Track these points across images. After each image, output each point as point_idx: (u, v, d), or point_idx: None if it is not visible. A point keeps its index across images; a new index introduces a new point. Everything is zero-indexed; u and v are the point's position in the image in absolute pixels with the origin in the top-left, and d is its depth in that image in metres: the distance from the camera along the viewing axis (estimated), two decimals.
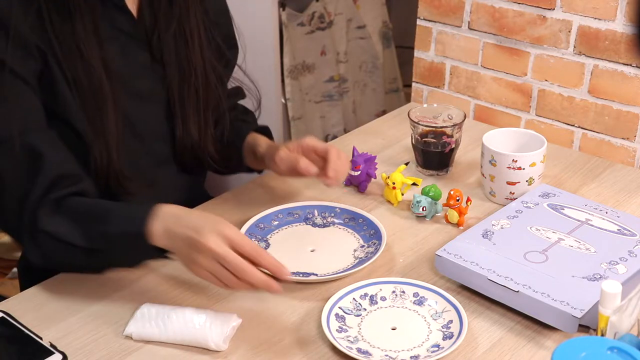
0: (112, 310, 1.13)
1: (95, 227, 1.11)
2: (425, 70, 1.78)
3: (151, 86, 1.29)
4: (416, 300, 1.13)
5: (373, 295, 1.14)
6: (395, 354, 1.04)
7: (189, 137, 1.32)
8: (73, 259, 1.13)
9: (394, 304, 1.13)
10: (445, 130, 1.45)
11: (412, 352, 1.04)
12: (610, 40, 1.49)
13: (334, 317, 1.10)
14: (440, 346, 1.04)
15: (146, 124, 1.29)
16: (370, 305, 1.13)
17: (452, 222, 1.33)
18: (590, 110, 1.56)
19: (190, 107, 1.31)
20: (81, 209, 1.13)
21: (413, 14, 1.77)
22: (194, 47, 1.30)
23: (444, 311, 1.10)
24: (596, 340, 0.83)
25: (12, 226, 1.17)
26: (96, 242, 1.11)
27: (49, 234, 1.11)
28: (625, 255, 1.17)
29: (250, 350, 1.06)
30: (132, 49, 1.26)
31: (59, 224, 1.11)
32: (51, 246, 1.12)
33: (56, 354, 1.02)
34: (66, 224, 1.11)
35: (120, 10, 1.23)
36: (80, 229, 1.11)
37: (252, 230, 1.29)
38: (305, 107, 2.84)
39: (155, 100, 1.30)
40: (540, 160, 1.36)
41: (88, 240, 1.10)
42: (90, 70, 1.16)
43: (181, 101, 1.30)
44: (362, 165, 1.40)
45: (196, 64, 1.30)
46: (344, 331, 1.08)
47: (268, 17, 2.48)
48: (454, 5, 1.68)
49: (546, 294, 1.08)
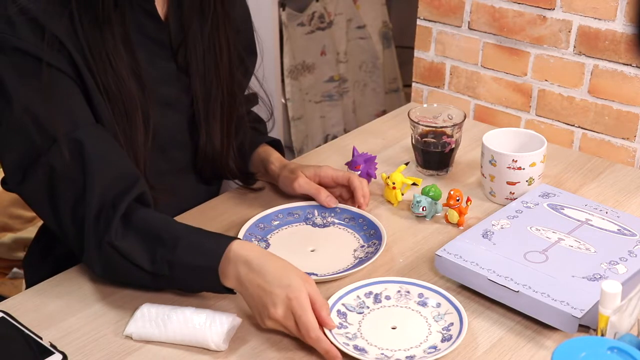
0: (112, 310, 1.13)
1: (163, 252, 1.08)
2: (425, 70, 1.78)
3: (175, 94, 1.28)
4: (420, 301, 1.13)
5: (378, 293, 1.14)
6: (391, 352, 1.04)
7: (211, 148, 1.32)
8: (136, 278, 1.12)
9: (397, 303, 1.13)
10: (445, 130, 1.45)
11: (409, 352, 1.04)
12: (610, 40, 1.49)
13: (336, 313, 1.10)
14: (437, 348, 1.04)
15: (168, 131, 1.27)
16: (374, 303, 1.13)
17: (452, 222, 1.33)
18: (590, 110, 1.56)
19: (214, 118, 1.31)
20: (152, 230, 1.11)
21: (413, 14, 1.77)
22: (222, 63, 1.29)
23: (446, 313, 1.10)
24: (596, 340, 0.83)
25: (68, 229, 1.13)
26: (163, 268, 1.09)
27: (117, 249, 1.09)
28: (625, 255, 1.17)
29: (250, 350, 1.06)
30: (158, 56, 1.25)
31: (130, 243, 1.09)
32: (117, 261, 1.10)
33: (56, 354, 1.02)
34: (137, 245, 1.09)
35: (149, 16, 1.22)
36: (149, 252, 1.09)
37: (252, 230, 1.29)
38: (305, 107, 2.84)
39: (178, 109, 1.29)
40: (540, 160, 1.36)
41: (155, 264, 1.09)
42: (119, 79, 1.15)
43: (206, 112, 1.30)
44: (362, 165, 1.40)
45: (223, 79, 1.30)
46: (343, 327, 1.08)
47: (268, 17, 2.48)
48: (454, 5, 1.68)
49: (546, 294, 1.08)
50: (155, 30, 1.23)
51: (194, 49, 1.27)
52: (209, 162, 1.33)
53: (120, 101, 1.15)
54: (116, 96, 1.15)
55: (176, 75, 1.27)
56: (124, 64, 1.15)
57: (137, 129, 1.18)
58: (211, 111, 1.30)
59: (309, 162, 1.53)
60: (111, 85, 1.14)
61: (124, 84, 1.15)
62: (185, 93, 1.29)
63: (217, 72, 1.29)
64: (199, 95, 1.29)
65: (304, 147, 2.83)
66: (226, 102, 1.31)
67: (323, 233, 1.31)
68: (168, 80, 1.27)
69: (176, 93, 1.28)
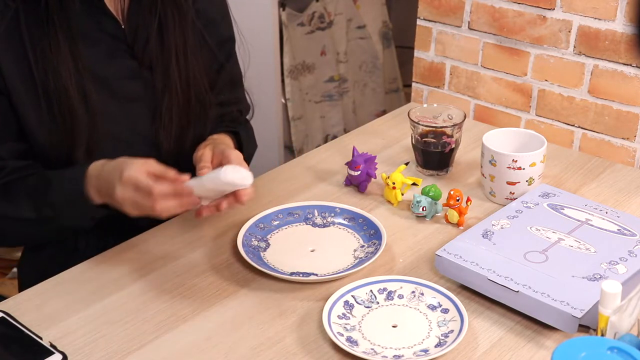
0: (112, 310, 1.13)
1: (43, 197, 1.18)
2: (425, 70, 1.78)
3: (137, 89, 1.29)
4: (430, 305, 1.12)
5: (392, 291, 1.14)
6: (381, 349, 1.04)
7: (171, 143, 1.32)
8: (24, 233, 1.23)
9: (408, 303, 1.13)
10: (445, 130, 1.45)
11: (399, 351, 1.04)
12: (610, 40, 1.49)
13: (343, 303, 1.10)
14: (427, 351, 1.04)
15: (132, 127, 1.29)
16: (386, 300, 1.13)
17: (452, 222, 1.33)
18: (590, 110, 1.56)
19: (174, 113, 1.31)
20: (27, 186, 1.20)
21: (413, 14, 1.77)
22: (183, 58, 1.30)
23: (452, 320, 1.09)
24: (596, 340, 0.83)
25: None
26: (46, 211, 1.18)
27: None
28: (625, 255, 1.17)
29: (250, 350, 1.06)
30: (118, 53, 1.27)
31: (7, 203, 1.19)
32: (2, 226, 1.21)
33: (56, 354, 1.02)
34: (17, 201, 1.19)
35: (105, 14, 1.25)
36: (30, 203, 1.19)
37: (252, 230, 1.29)
38: (305, 107, 2.84)
39: (141, 105, 1.30)
40: (540, 160, 1.36)
41: (38, 211, 1.18)
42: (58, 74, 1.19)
43: (165, 107, 1.30)
44: (362, 165, 1.40)
45: (185, 75, 1.30)
46: (345, 318, 1.09)
47: (268, 17, 2.48)
48: (454, 5, 1.68)
49: (546, 294, 1.08)
50: (112, 27, 1.26)
51: (153, 46, 1.28)
52: (172, 158, 1.33)
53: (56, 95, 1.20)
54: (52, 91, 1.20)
55: (137, 71, 1.29)
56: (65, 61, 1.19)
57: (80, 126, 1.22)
58: (167, 106, 1.30)
59: (309, 162, 1.53)
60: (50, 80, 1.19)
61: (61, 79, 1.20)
62: (149, 88, 1.30)
63: (177, 67, 1.30)
64: (158, 90, 1.30)
65: (304, 147, 2.83)
66: (181, 98, 1.31)
67: (323, 233, 1.31)
68: (129, 75, 1.28)
69: (138, 88, 1.29)
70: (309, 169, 1.51)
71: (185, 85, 1.32)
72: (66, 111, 1.21)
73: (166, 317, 1.12)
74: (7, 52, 1.18)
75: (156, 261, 1.24)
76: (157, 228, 1.32)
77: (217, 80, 1.40)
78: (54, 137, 1.22)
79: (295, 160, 1.57)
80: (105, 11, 1.25)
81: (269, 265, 1.22)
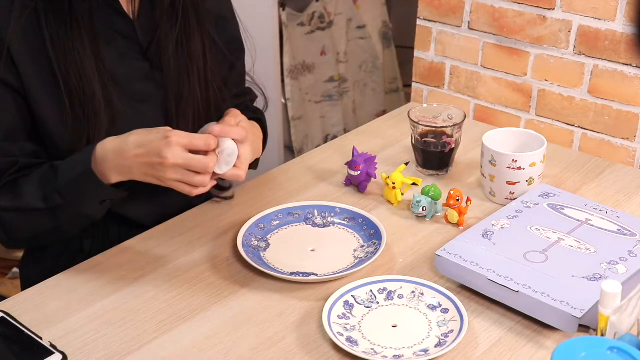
0: (112, 310, 1.13)
1: (49, 185, 1.16)
2: (425, 70, 1.78)
3: (149, 90, 1.28)
4: (430, 305, 1.12)
5: (392, 291, 1.14)
6: (381, 349, 1.04)
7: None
8: (36, 223, 1.20)
9: (408, 303, 1.13)
10: (445, 130, 1.45)
11: (399, 351, 1.04)
12: (610, 40, 1.49)
13: (343, 303, 1.10)
14: (428, 351, 1.04)
15: (143, 127, 1.28)
16: (386, 300, 1.13)
17: (452, 222, 1.33)
18: (590, 110, 1.56)
19: (187, 115, 1.30)
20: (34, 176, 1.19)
21: (413, 14, 1.77)
22: (196, 60, 1.29)
23: (452, 320, 1.09)
24: (596, 340, 0.83)
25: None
26: (55, 199, 1.16)
27: (6, 209, 1.18)
28: (625, 255, 1.17)
29: (250, 350, 1.06)
30: (130, 53, 1.26)
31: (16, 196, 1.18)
32: (13, 219, 1.19)
33: (56, 354, 1.02)
34: (25, 192, 1.18)
35: (118, 13, 1.23)
36: (38, 193, 1.17)
37: (252, 230, 1.29)
38: (305, 107, 2.84)
39: (153, 104, 1.29)
40: (540, 160, 1.36)
41: (47, 200, 1.16)
42: (84, 76, 1.18)
43: (178, 109, 1.30)
44: (362, 165, 1.40)
45: (198, 76, 1.29)
46: (345, 318, 1.09)
47: (268, 17, 2.48)
48: (454, 5, 1.68)
49: (546, 294, 1.08)
50: (125, 27, 1.25)
51: (166, 47, 1.27)
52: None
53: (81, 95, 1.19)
54: (76, 90, 1.19)
55: (149, 72, 1.28)
56: (88, 60, 1.18)
57: (101, 127, 1.21)
58: (183, 108, 1.30)
59: (309, 162, 1.53)
60: (73, 80, 1.18)
61: (87, 79, 1.19)
62: (161, 90, 1.29)
63: (191, 69, 1.29)
64: (172, 91, 1.29)
65: (304, 147, 2.83)
66: (200, 99, 1.31)
67: (323, 233, 1.31)
68: (140, 77, 1.27)
69: (150, 90, 1.28)
70: (309, 169, 1.51)
71: (205, 90, 1.31)
72: (90, 111, 1.19)
73: (166, 317, 1.12)
74: (26, 53, 1.17)
75: (156, 261, 1.24)
76: (157, 228, 1.32)
77: (228, 78, 1.40)
78: (72, 136, 1.21)
79: (295, 160, 1.57)
80: (119, 10, 1.23)
81: (269, 265, 1.22)
